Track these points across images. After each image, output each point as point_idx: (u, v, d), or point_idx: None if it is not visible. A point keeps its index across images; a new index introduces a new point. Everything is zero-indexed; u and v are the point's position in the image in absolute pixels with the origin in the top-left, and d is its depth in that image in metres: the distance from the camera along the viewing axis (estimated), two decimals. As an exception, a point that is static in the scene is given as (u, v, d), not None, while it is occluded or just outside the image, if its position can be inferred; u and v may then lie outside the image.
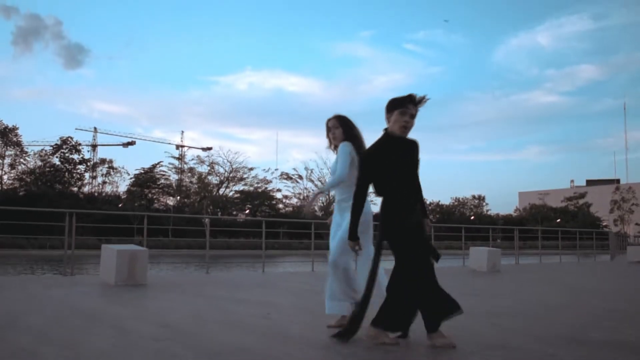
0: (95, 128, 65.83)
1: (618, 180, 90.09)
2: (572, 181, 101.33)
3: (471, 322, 4.19)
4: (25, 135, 50.28)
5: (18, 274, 16.62)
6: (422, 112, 3.42)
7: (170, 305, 5.21)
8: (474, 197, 72.00)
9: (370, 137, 3.66)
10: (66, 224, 8.47)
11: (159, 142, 71.84)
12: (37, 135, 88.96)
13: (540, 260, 16.99)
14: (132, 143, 69.68)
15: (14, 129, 48.75)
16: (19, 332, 3.69)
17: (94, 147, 63.68)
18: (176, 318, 4.40)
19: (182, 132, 72.79)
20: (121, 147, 68.36)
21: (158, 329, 3.89)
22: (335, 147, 3.98)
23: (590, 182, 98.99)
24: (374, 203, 3.98)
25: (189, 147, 68.26)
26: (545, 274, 11.18)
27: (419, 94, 3.35)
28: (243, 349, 3.23)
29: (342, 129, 3.95)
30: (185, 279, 9.37)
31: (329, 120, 4.05)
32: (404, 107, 3.32)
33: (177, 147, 67.63)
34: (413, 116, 3.33)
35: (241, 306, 5.27)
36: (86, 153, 54.42)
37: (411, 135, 3.43)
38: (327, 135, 4.06)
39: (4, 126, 48.33)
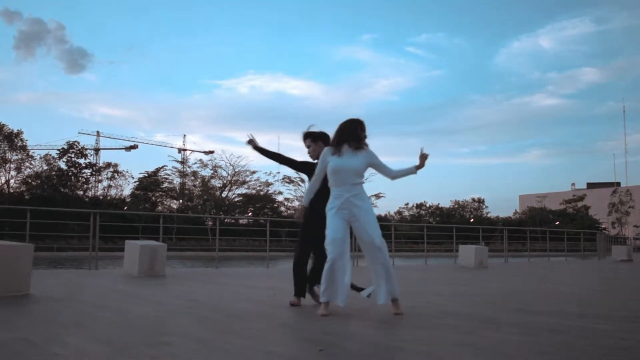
0: (98, 132, 66.93)
1: (618, 184, 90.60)
2: (573, 184, 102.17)
3: (435, 299, 5.12)
4: (28, 139, 50.88)
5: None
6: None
7: (190, 289, 6.14)
8: (473, 200, 72.86)
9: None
10: (91, 223, 9.37)
11: (161, 145, 72.91)
12: (40, 139, 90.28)
13: (529, 259, 17.89)
14: (134, 147, 70.63)
15: (19, 133, 49.63)
16: (77, 302, 4.65)
17: (96, 151, 64.66)
18: (198, 296, 5.35)
19: (185, 135, 73.90)
20: (123, 150, 69.43)
21: (186, 301, 4.83)
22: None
23: (590, 185, 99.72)
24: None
25: (192, 150, 69.28)
26: (528, 269, 12.05)
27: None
28: (256, 313, 4.16)
29: None
30: (198, 272, 10.36)
31: (356, 121, 4.22)
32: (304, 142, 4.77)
33: (180, 150, 68.64)
34: (309, 146, 4.77)
35: (251, 289, 6.21)
36: (89, 157, 55.36)
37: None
38: (350, 137, 4.15)
39: (9, 131, 49.16)
